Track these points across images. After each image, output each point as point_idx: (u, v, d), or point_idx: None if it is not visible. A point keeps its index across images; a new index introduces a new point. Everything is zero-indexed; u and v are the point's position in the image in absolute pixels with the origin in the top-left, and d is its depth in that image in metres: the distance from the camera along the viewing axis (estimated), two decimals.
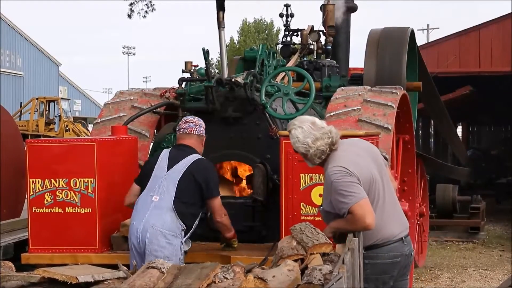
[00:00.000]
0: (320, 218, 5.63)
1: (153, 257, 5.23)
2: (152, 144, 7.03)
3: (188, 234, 5.49)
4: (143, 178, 5.67)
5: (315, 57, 9.29)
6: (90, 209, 5.91)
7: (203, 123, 5.79)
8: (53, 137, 27.98)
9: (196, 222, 5.57)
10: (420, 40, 44.77)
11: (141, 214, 5.44)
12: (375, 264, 4.51)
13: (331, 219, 4.50)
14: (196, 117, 5.83)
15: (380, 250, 4.52)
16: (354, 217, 4.31)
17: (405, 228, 4.66)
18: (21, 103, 37.12)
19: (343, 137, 4.75)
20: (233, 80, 6.60)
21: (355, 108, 6.45)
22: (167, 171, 5.53)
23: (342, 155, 4.52)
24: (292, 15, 9.37)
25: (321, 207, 4.68)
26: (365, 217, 4.28)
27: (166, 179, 5.50)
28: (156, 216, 5.39)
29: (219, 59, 7.53)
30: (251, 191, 6.53)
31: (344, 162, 4.45)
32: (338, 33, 9.53)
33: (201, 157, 5.68)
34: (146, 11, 21.44)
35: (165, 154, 5.67)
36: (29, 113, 34.10)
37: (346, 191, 4.33)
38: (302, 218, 5.59)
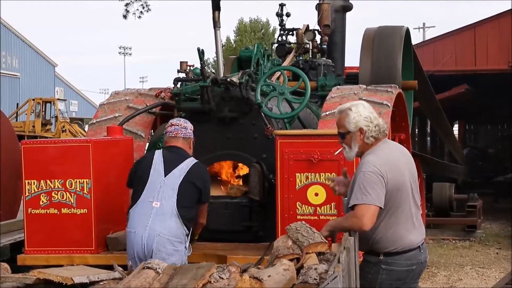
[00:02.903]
0: (315, 218, 5.66)
1: None
2: (147, 144, 7.02)
3: (189, 239, 5.43)
4: (135, 180, 5.52)
5: (310, 56, 9.29)
6: (85, 210, 5.89)
7: (190, 125, 5.64)
8: (50, 138, 27.93)
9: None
10: (416, 38, 44.86)
11: (143, 221, 5.28)
12: (392, 270, 4.51)
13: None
14: (183, 119, 5.71)
15: (399, 258, 4.51)
16: (354, 213, 4.32)
17: (423, 237, 4.67)
18: (17, 104, 37.09)
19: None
20: (228, 80, 6.59)
21: None
22: (165, 176, 5.40)
23: (384, 153, 4.48)
24: (288, 15, 9.36)
25: (345, 198, 4.64)
26: (364, 216, 4.27)
27: (165, 184, 5.36)
28: (160, 222, 5.26)
29: (215, 58, 7.52)
30: (247, 190, 6.52)
31: (383, 161, 4.42)
32: (333, 32, 9.53)
33: (197, 161, 5.57)
34: (141, 12, 21.42)
35: (158, 157, 5.50)
36: (26, 114, 34.09)
37: (365, 189, 4.31)
38: (298, 217, 5.60)
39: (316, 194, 5.72)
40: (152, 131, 7.29)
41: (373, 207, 4.31)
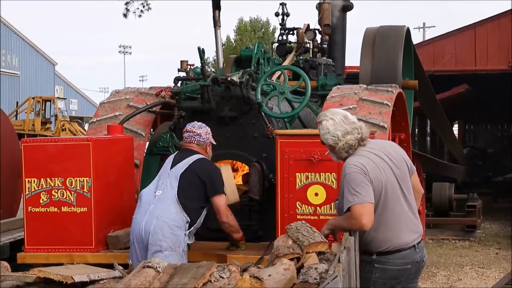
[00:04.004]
0: (315, 217, 5.66)
1: (157, 247, 5.34)
2: (148, 143, 7.02)
3: (192, 229, 5.53)
4: None
5: (311, 55, 9.29)
6: (86, 208, 5.90)
7: (205, 129, 5.82)
8: (50, 136, 27.93)
9: (201, 218, 5.61)
10: (416, 38, 44.88)
11: (145, 208, 5.52)
12: (385, 269, 4.52)
13: (344, 213, 4.47)
14: (197, 124, 5.84)
15: (392, 257, 4.52)
16: (351, 215, 4.32)
17: (418, 236, 4.65)
18: (17, 102, 37.07)
19: None
20: (228, 79, 6.59)
21: (351, 107, 6.45)
22: (170, 169, 5.65)
23: (364, 154, 4.50)
24: (288, 14, 9.36)
25: (337, 201, 4.67)
26: (363, 216, 4.28)
27: (169, 176, 5.60)
28: (160, 207, 5.47)
29: (216, 58, 7.54)
30: (247, 190, 6.52)
31: (364, 160, 4.44)
32: (334, 32, 9.53)
33: (203, 157, 5.74)
34: (141, 11, 21.42)
35: (170, 158, 5.80)
36: (25, 112, 34.08)
37: (354, 189, 4.33)
38: (298, 217, 5.60)
39: (316, 194, 5.72)
40: (152, 130, 7.29)
41: (367, 204, 4.33)
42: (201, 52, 6.46)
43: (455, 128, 29.04)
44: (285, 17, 9.34)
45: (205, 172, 5.61)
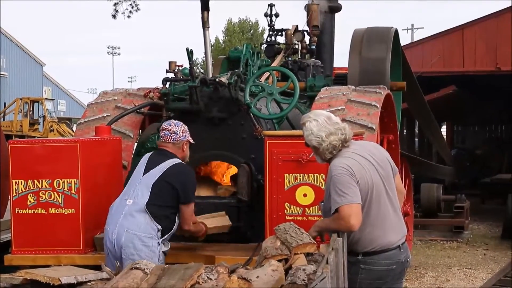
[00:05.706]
0: (304, 218, 5.66)
1: (131, 261, 5.19)
2: (136, 144, 7.01)
3: (166, 236, 5.41)
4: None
5: (299, 57, 9.29)
6: (73, 210, 5.87)
7: (182, 128, 5.63)
8: (38, 137, 27.82)
9: (175, 225, 5.50)
10: (405, 39, 44.93)
11: (115, 218, 5.38)
12: (371, 270, 4.53)
13: (330, 215, 4.49)
14: (174, 122, 5.67)
15: (377, 257, 4.53)
16: (339, 215, 4.33)
17: (403, 236, 4.68)
18: (4, 103, 36.91)
19: None
20: (217, 80, 6.58)
21: (340, 108, 6.46)
22: (143, 175, 5.48)
23: (349, 155, 4.52)
24: (276, 15, 9.36)
25: (322, 203, 4.67)
26: (351, 217, 4.29)
27: (140, 183, 5.44)
28: (129, 219, 5.32)
29: (204, 59, 7.51)
30: (236, 191, 6.51)
31: (349, 161, 4.45)
32: (322, 33, 9.54)
33: (179, 161, 5.57)
34: (130, 11, 21.40)
35: (144, 159, 5.63)
36: (13, 113, 33.97)
37: (341, 191, 4.34)
38: (287, 218, 5.59)
39: (305, 195, 5.72)
40: (140, 131, 7.27)
41: (355, 205, 4.34)
42: (190, 53, 6.45)
43: (443, 130, 29.12)
44: (273, 18, 9.33)
45: (178, 179, 5.44)
